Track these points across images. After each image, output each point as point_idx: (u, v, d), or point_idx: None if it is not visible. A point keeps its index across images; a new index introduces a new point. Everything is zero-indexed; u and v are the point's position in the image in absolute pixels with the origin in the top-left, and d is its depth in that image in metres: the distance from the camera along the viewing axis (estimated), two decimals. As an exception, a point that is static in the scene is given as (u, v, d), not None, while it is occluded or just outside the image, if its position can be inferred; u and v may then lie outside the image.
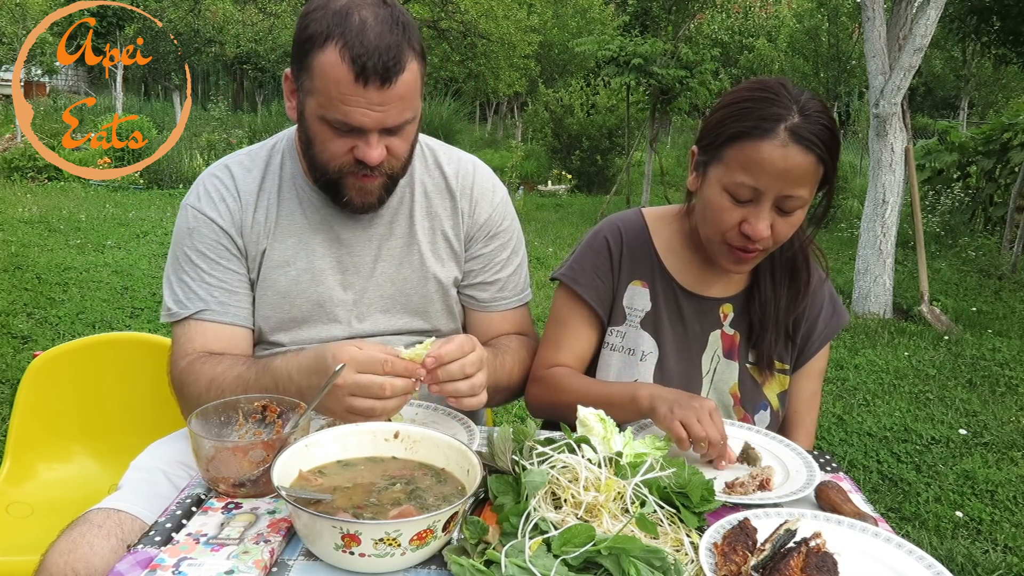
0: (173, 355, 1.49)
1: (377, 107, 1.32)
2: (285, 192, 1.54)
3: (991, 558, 2.88)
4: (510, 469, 1.09)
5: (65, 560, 1.19)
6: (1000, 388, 4.79)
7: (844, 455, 3.73)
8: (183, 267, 1.50)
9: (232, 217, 1.51)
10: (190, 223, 1.51)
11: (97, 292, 5.54)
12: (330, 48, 1.29)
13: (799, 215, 1.42)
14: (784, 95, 1.38)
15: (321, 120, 1.36)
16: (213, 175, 1.55)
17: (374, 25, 1.30)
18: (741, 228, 1.41)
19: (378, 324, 1.56)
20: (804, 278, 1.59)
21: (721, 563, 0.96)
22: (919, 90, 22.67)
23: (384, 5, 1.34)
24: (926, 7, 5.71)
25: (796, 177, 1.36)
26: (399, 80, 1.32)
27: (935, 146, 11.08)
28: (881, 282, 6.29)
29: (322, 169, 1.42)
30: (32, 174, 10.54)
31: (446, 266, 1.61)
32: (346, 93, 1.30)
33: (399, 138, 1.40)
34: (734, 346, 1.61)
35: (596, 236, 1.65)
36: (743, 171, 1.37)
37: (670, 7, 11.38)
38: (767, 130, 1.35)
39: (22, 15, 14.39)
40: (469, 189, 1.63)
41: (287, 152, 1.57)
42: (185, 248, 1.51)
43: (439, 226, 1.60)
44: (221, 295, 1.49)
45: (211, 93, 24.00)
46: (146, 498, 1.32)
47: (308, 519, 0.94)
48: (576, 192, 13.97)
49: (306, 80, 1.36)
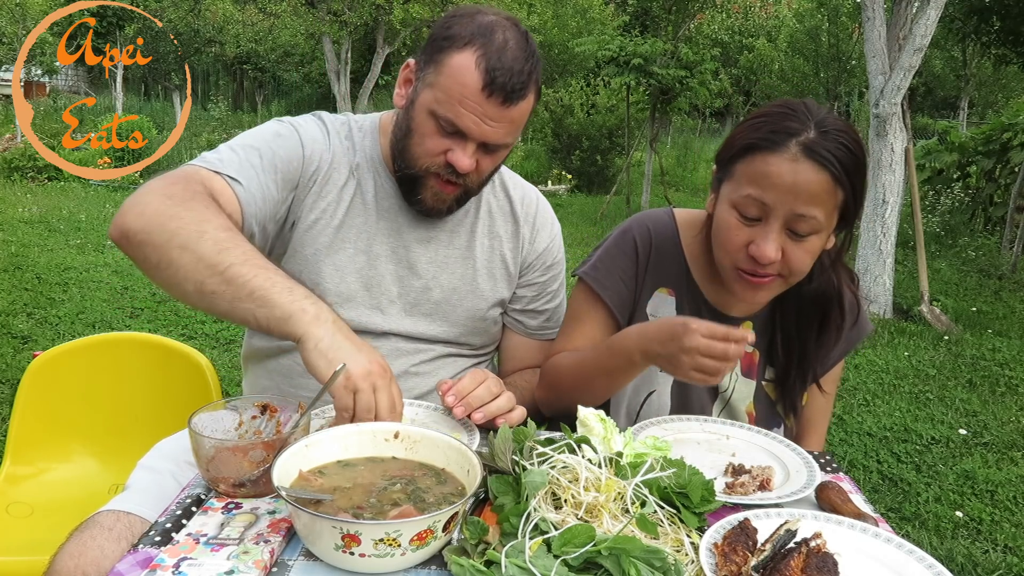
0: (179, 173, 1.35)
1: (489, 121, 1.38)
2: (364, 170, 1.55)
3: (991, 558, 2.88)
4: (510, 469, 1.09)
5: (76, 563, 1.18)
6: (1000, 388, 4.79)
7: (844, 455, 3.73)
8: (246, 148, 1.45)
9: (316, 159, 1.51)
10: (281, 130, 1.51)
11: (97, 292, 5.54)
12: (468, 52, 1.36)
13: (814, 242, 1.32)
14: (803, 111, 1.31)
15: (430, 114, 1.40)
16: (313, 119, 1.57)
17: (514, 48, 1.38)
18: (749, 250, 1.33)
19: (417, 325, 1.58)
20: (837, 321, 1.49)
21: (721, 563, 0.96)
22: (919, 90, 22.66)
23: (525, 36, 1.42)
24: (926, 7, 5.71)
25: (807, 195, 1.27)
26: (518, 105, 1.39)
27: (935, 146, 11.08)
28: (881, 282, 6.29)
29: (411, 162, 1.45)
30: (32, 174, 10.54)
31: (498, 286, 1.64)
32: (468, 97, 1.36)
33: (491, 158, 1.46)
34: (753, 365, 1.57)
35: (624, 236, 1.57)
36: (751, 184, 1.31)
37: (670, 7, 11.37)
38: (778, 143, 1.29)
39: (22, 15, 14.39)
40: (532, 217, 1.68)
41: (370, 133, 1.59)
42: (260, 140, 1.48)
43: (499, 247, 1.64)
44: (256, 191, 1.42)
45: (211, 93, 23.97)
46: (155, 500, 1.32)
47: (308, 519, 0.94)
48: (576, 192, 13.96)
49: (431, 73, 1.40)
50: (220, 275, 1.19)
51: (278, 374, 1.56)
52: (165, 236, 1.22)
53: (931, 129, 16.57)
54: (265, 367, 1.59)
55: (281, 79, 26.50)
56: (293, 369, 1.53)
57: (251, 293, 1.19)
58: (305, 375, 1.49)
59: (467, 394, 1.33)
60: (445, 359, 1.61)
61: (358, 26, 15.01)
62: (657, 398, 1.56)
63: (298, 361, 1.50)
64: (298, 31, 17.36)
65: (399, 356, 1.54)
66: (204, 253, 1.20)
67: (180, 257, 1.21)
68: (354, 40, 15.94)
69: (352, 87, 15.97)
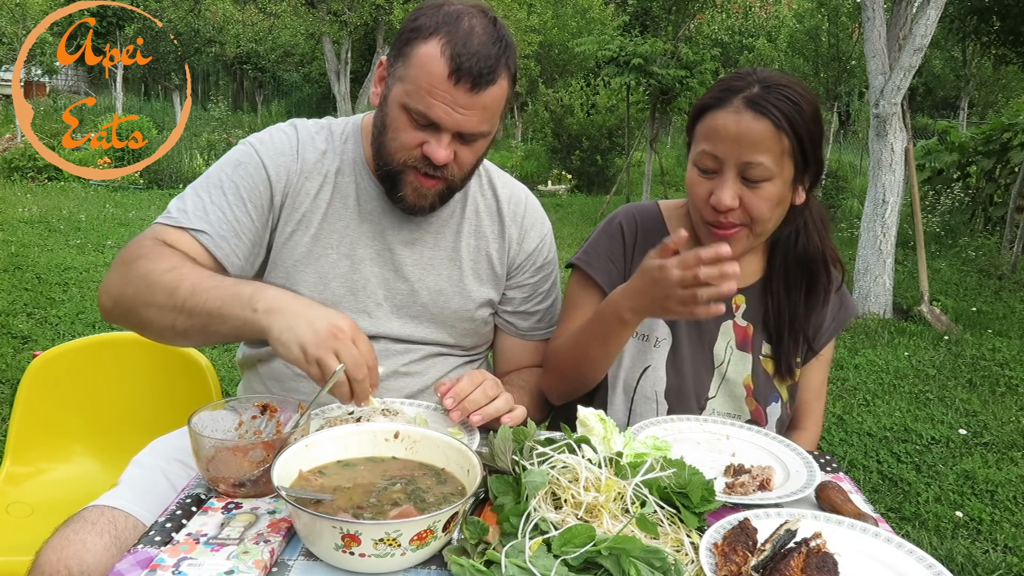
0: (137, 237, 1.42)
1: (460, 109, 1.36)
2: (344, 174, 1.55)
3: (991, 558, 2.88)
4: (510, 469, 1.09)
5: (58, 557, 1.19)
6: (1000, 388, 4.79)
7: (844, 455, 3.73)
8: (210, 188, 1.47)
9: (283, 174, 1.50)
10: (241, 158, 1.51)
11: (97, 292, 5.54)
12: (433, 42, 1.35)
13: (769, 188, 1.42)
14: (749, 73, 1.44)
15: (402, 108, 1.39)
16: (281, 129, 1.57)
17: (480, 34, 1.36)
18: (711, 201, 1.43)
19: (405, 327, 1.57)
20: (824, 283, 1.58)
21: (721, 563, 0.96)
22: (919, 90, 22.66)
23: (494, 22, 1.40)
24: (926, 7, 5.71)
25: (750, 142, 1.38)
26: (488, 90, 1.37)
27: (935, 146, 11.09)
28: (881, 282, 6.29)
29: (388, 157, 1.44)
30: (32, 174, 10.55)
31: (484, 286, 1.63)
32: (435, 87, 1.35)
33: (469, 148, 1.44)
34: (747, 338, 1.61)
35: (611, 222, 1.66)
36: (704, 140, 1.44)
37: (670, 7, 11.37)
38: (724, 100, 1.42)
39: (22, 15, 14.39)
40: (520, 217, 1.66)
41: (352, 136, 1.58)
42: (223, 174, 1.49)
43: (484, 247, 1.63)
44: (227, 231, 1.44)
45: (211, 93, 24.00)
46: (141, 496, 1.32)
47: (308, 519, 0.94)
48: (576, 192, 13.97)
49: (400, 67, 1.40)
50: (181, 312, 1.28)
51: (270, 378, 1.56)
52: (128, 302, 1.34)
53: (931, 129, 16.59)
54: (257, 372, 1.59)
55: (281, 79, 26.52)
56: (284, 373, 1.53)
57: (210, 315, 1.26)
58: (296, 379, 1.50)
59: (464, 397, 1.33)
60: (435, 358, 1.60)
61: (358, 26, 15.04)
62: (653, 372, 1.59)
63: (287, 365, 1.51)
64: (298, 31, 17.38)
65: (388, 357, 1.53)
66: (161, 301, 1.29)
67: (147, 313, 1.32)
68: (354, 40, 15.97)
69: (352, 87, 16.00)
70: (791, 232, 1.56)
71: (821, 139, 1.45)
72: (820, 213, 1.58)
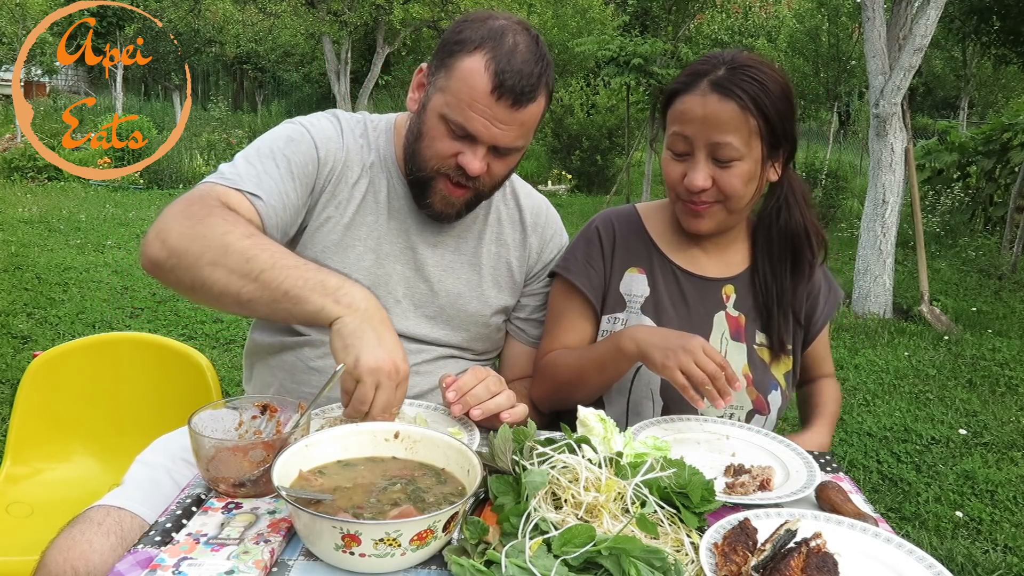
0: (197, 192, 1.37)
1: (498, 124, 1.38)
2: (377, 169, 1.56)
3: (991, 558, 2.88)
4: (510, 469, 1.09)
5: (64, 557, 1.19)
6: (1000, 388, 4.79)
7: (844, 455, 3.73)
8: (262, 158, 1.46)
9: (330, 159, 1.51)
10: (292, 134, 1.51)
11: (97, 292, 5.54)
12: (478, 56, 1.37)
13: (741, 167, 1.46)
14: (716, 57, 1.48)
15: (441, 118, 1.40)
16: (327, 117, 1.58)
17: (523, 52, 1.39)
18: (684, 182, 1.48)
19: (421, 327, 1.58)
20: (808, 258, 1.62)
21: (721, 563, 0.96)
22: (919, 90, 22.65)
23: (536, 40, 1.42)
24: (926, 7, 5.71)
25: (717, 124, 1.42)
26: (527, 108, 1.40)
27: (935, 146, 11.09)
28: (881, 282, 6.29)
29: (422, 164, 1.46)
30: (32, 174, 10.55)
31: (502, 293, 1.65)
32: (477, 101, 1.36)
33: (502, 162, 1.46)
34: (740, 328, 1.62)
35: (588, 228, 1.69)
36: (675, 123, 1.48)
37: (670, 7, 11.38)
38: (691, 83, 1.46)
39: (22, 15, 14.39)
40: (541, 227, 1.70)
41: (384, 134, 1.60)
42: (275, 146, 1.48)
43: (505, 254, 1.65)
44: (277, 203, 1.43)
45: (211, 93, 24.00)
46: (147, 495, 1.32)
47: (308, 519, 0.94)
48: (576, 192, 13.97)
49: (441, 78, 1.41)
50: (254, 282, 1.24)
51: (281, 370, 1.56)
52: (192, 258, 1.27)
53: (931, 129, 16.59)
54: (268, 364, 1.59)
55: (281, 79, 26.51)
56: (296, 365, 1.53)
57: (286, 293, 1.23)
58: (307, 371, 1.51)
59: (467, 391, 1.33)
60: (446, 360, 1.62)
61: (358, 26, 15.02)
62: (648, 369, 1.58)
63: (301, 357, 1.52)
64: (298, 31, 17.35)
65: None
66: (234, 265, 1.25)
67: (212, 274, 1.26)
68: (354, 40, 15.96)
69: (352, 87, 15.99)
70: (773, 208, 1.60)
71: (792, 116, 1.49)
72: (800, 188, 1.61)
